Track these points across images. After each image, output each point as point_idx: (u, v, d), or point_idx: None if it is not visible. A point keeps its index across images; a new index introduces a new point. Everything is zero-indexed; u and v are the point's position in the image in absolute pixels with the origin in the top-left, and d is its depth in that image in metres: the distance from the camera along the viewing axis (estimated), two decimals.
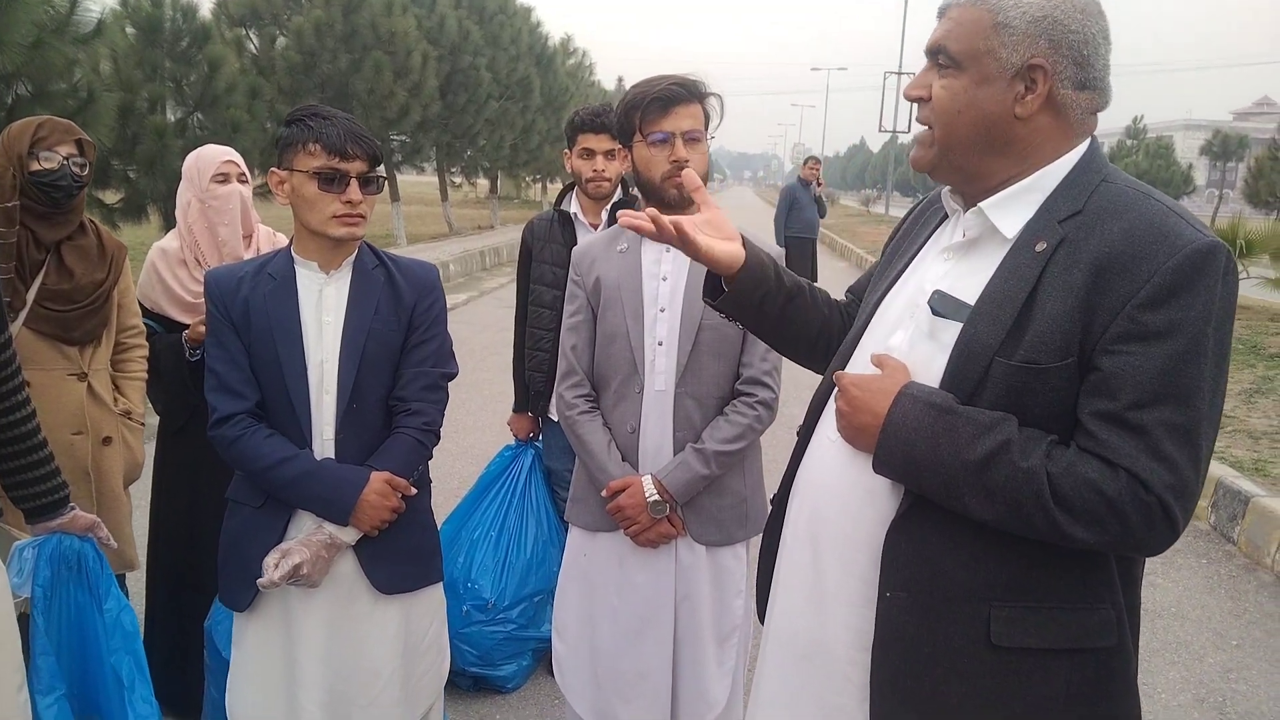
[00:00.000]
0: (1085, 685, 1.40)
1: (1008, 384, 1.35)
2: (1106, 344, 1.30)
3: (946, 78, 1.43)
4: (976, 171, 1.46)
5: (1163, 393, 1.28)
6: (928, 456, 1.36)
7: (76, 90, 8.13)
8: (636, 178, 2.38)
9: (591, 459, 2.43)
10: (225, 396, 2.17)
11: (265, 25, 16.10)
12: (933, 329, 1.45)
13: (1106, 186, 1.39)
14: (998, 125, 1.40)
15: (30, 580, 2.07)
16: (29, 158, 2.57)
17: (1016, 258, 1.39)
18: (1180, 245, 1.29)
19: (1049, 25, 1.36)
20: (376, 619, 2.24)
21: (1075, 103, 1.40)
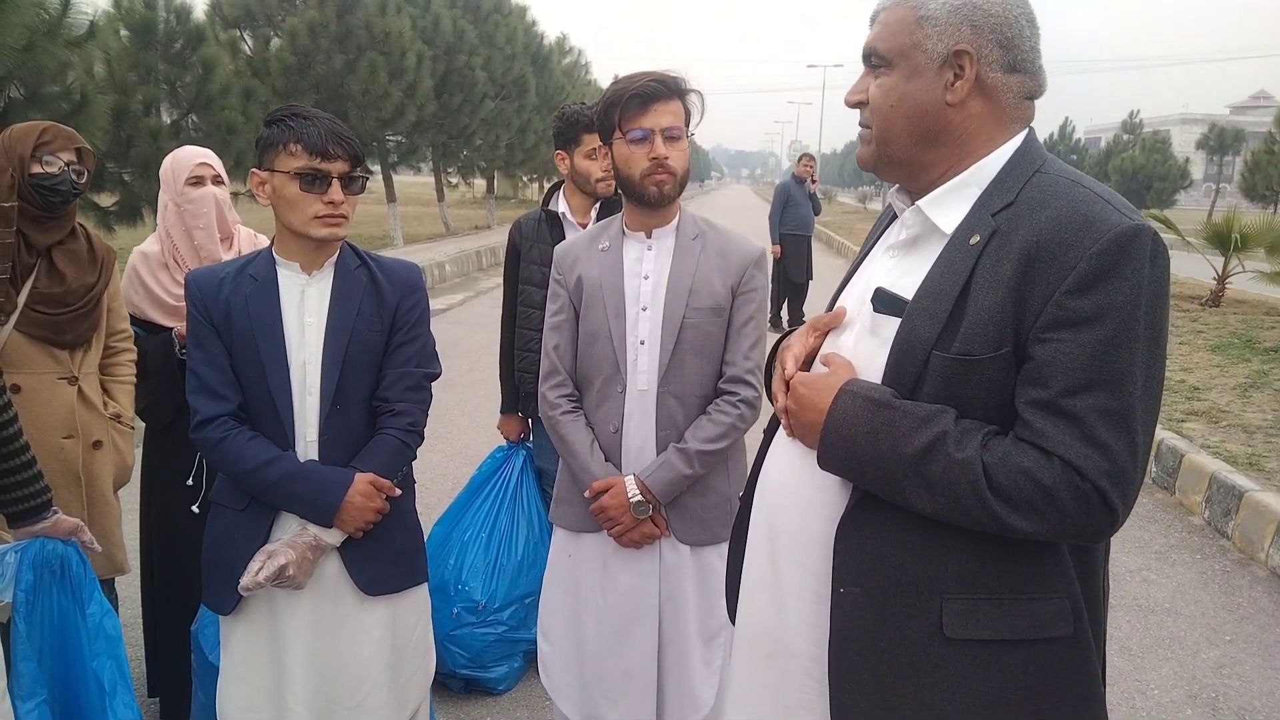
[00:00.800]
0: (1042, 676, 1.40)
1: (945, 376, 1.36)
2: (1038, 332, 1.31)
3: (880, 77, 1.47)
4: (916, 164, 1.48)
5: (1095, 379, 1.28)
6: (868, 451, 1.38)
7: (70, 93, 8.12)
8: (617, 175, 2.37)
9: (574, 459, 2.43)
10: (207, 399, 2.16)
11: (259, 26, 16.07)
12: (875, 326, 1.48)
13: (1039, 177, 1.41)
14: (930, 114, 1.44)
15: (12, 585, 2.06)
16: (31, 161, 2.58)
17: (952, 252, 1.41)
18: (1105, 230, 1.29)
19: (969, 12, 1.40)
20: (362, 620, 2.24)
21: (1006, 86, 1.43)
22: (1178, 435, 6.07)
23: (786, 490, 1.57)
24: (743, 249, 2.43)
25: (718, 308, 2.37)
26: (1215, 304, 12.03)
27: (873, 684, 1.45)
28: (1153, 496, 5.78)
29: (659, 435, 2.38)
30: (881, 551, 1.43)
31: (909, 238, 1.51)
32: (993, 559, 1.39)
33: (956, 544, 1.39)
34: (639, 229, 2.41)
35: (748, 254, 2.42)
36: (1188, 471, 5.64)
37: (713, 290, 2.36)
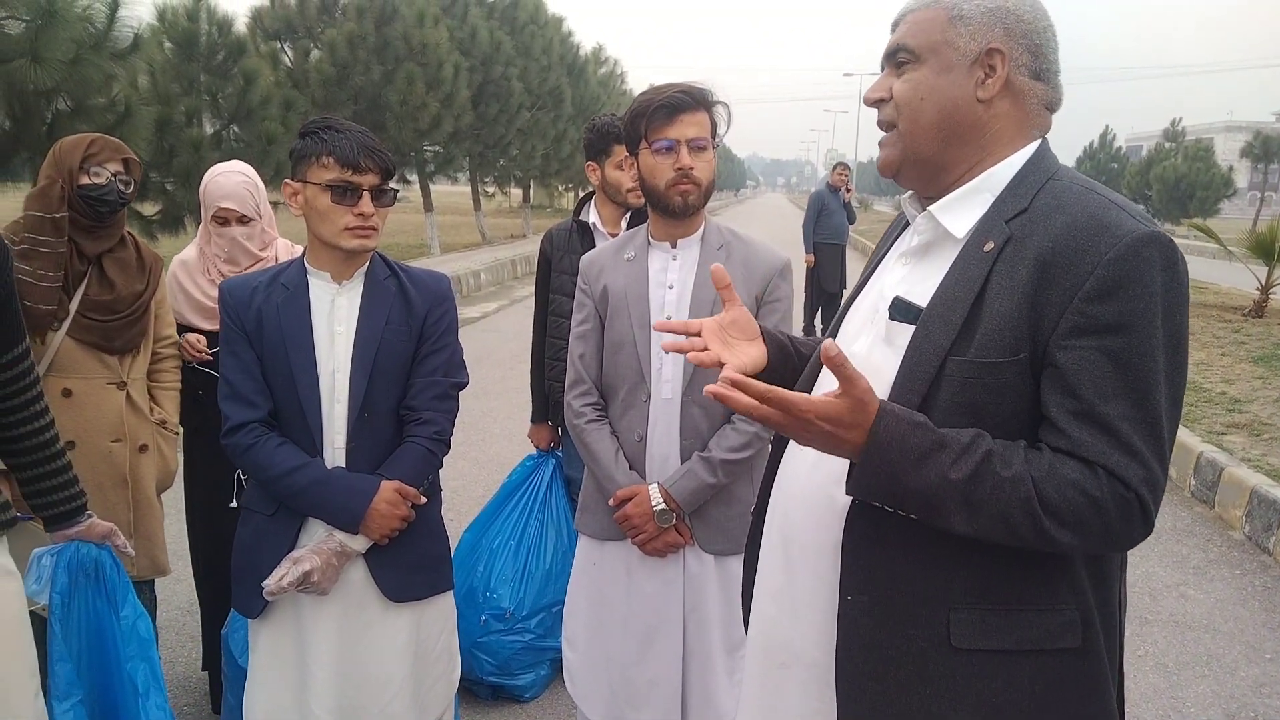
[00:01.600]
0: (1050, 687, 1.39)
1: (961, 381, 1.35)
2: (1060, 339, 1.31)
3: (907, 72, 1.47)
4: (939, 163, 1.48)
5: (1123, 387, 1.28)
6: (913, 477, 1.32)
7: (115, 105, 8.28)
8: (642, 185, 2.39)
9: (599, 467, 2.44)
10: (238, 405, 2.20)
11: (299, 38, 16.30)
12: (889, 334, 1.47)
13: (1052, 184, 1.41)
14: (961, 109, 1.44)
15: (49, 588, 2.11)
16: (79, 172, 2.65)
17: (966, 259, 1.41)
18: (1120, 236, 1.30)
19: (1003, 15, 1.43)
20: (387, 627, 2.26)
21: (1031, 91, 1.45)
22: (1218, 448, 5.97)
23: (799, 499, 1.56)
24: (767, 259, 2.43)
25: None
26: (1258, 315, 11.83)
27: (879, 692, 1.44)
28: (1192, 510, 5.69)
29: (683, 444, 2.38)
30: (889, 559, 1.42)
31: (921, 244, 1.51)
32: (1001, 569, 1.38)
33: (965, 554, 1.38)
34: (664, 239, 2.43)
35: (772, 263, 2.43)
36: (1228, 485, 5.55)
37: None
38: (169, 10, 11.05)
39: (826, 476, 1.50)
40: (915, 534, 1.40)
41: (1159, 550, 5.07)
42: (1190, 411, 6.93)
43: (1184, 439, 6.18)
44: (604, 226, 3.38)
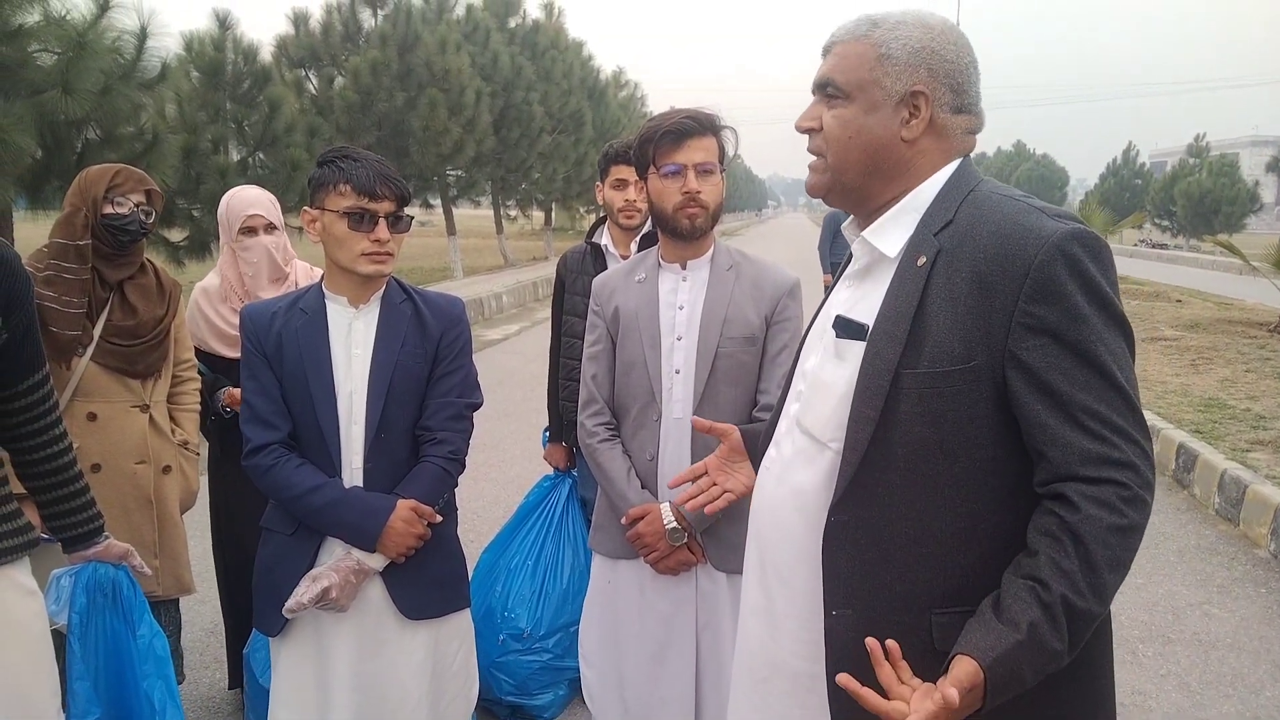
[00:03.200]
0: (1041, 695, 1.41)
1: (919, 391, 1.41)
2: (1017, 341, 1.37)
3: (836, 108, 1.53)
4: (866, 193, 1.55)
5: (1092, 374, 1.35)
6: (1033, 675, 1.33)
7: (143, 133, 8.44)
8: (651, 208, 2.44)
9: (611, 486, 2.47)
10: (259, 427, 2.25)
11: (324, 66, 16.55)
12: (838, 350, 1.54)
13: (974, 195, 1.48)
14: (886, 148, 1.51)
15: (67, 607, 2.16)
16: (103, 201, 2.74)
17: (902, 275, 1.48)
18: (1045, 237, 1.37)
19: (928, 56, 1.48)
20: (404, 644, 2.29)
21: (954, 125, 1.52)
22: (1242, 465, 5.91)
23: (768, 514, 1.62)
24: (776, 279, 2.46)
25: (752, 337, 2.40)
26: None
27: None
28: (1215, 528, 5.63)
29: (694, 463, 2.39)
30: (869, 572, 1.46)
31: (861, 267, 1.59)
32: (976, 573, 1.42)
33: (940, 559, 1.43)
34: (674, 260, 2.46)
35: (781, 284, 2.46)
36: (1252, 503, 5.50)
37: (747, 320, 2.40)
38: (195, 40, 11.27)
39: (789, 490, 1.57)
40: (892, 544, 1.45)
41: (1182, 569, 5.03)
42: (1214, 428, 6.88)
43: (1207, 456, 6.14)
44: (615, 249, 3.42)
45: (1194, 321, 12.79)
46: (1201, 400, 7.84)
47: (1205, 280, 22.12)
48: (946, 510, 1.42)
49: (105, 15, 7.73)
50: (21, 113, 6.91)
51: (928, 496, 1.43)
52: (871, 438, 1.44)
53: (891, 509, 1.44)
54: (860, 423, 1.46)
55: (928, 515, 1.43)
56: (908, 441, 1.42)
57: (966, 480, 1.42)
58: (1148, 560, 5.10)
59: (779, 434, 1.66)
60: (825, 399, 1.53)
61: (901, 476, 1.43)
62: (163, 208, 2.92)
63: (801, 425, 1.58)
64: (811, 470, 1.54)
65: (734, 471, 1.88)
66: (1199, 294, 17.51)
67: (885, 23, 1.51)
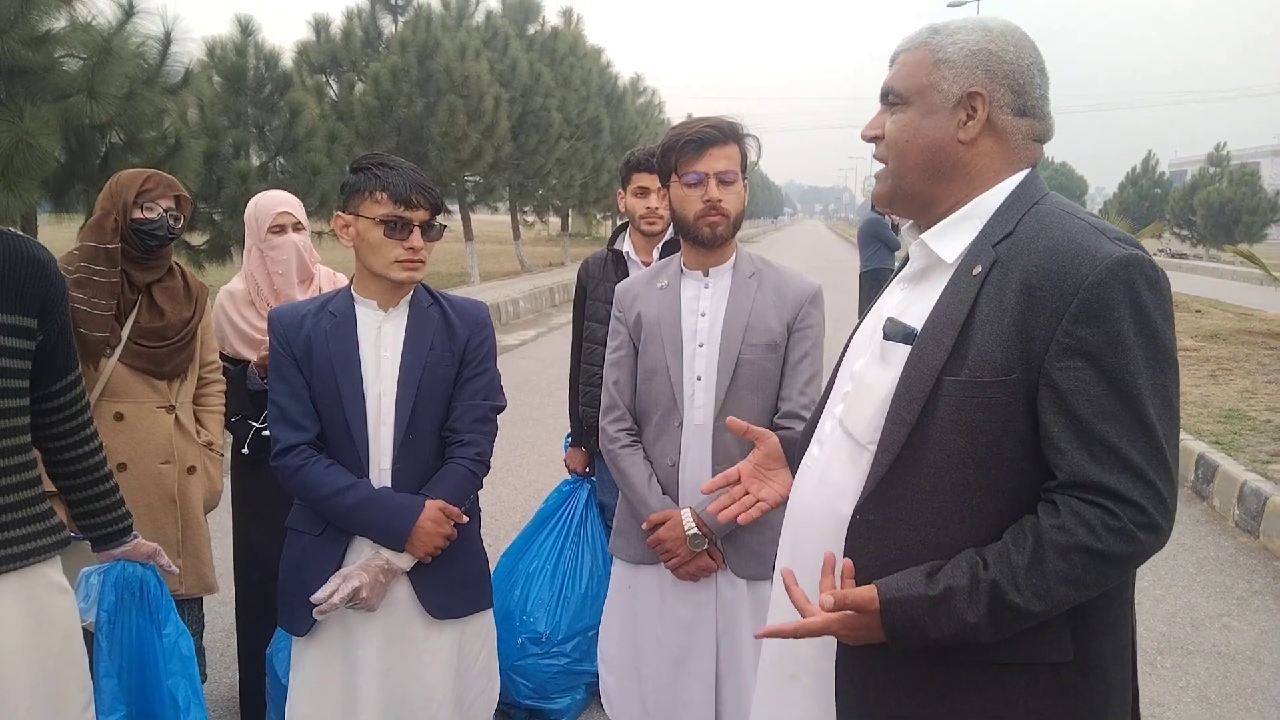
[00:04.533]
0: (1041, 700, 1.43)
1: (957, 400, 1.42)
2: (1053, 360, 1.37)
3: (896, 114, 1.55)
4: (927, 198, 1.56)
5: (1119, 405, 1.34)
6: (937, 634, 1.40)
7: (166, 137, 8.51)
8: (673, 216, 2.46)
9: (632, 492, 2.48)
10: (287, 428, 2.28)
11: (344, 72, 16.66)
12: (884, 353, 1.54)
13: (1036, 209, 1.48)
14: (944, 150, 1.52)
15: (96, 605, 2.19)
16: (133, 206, 2.78)
17: (956, 283, 1.48)
18: (1100, 259, 1.36)
19: (985, 57, 1.49)
20: (430, 643, 2.32)
21: (1015, 128, 1.52)
22: (1263, 477, 5.88)
23: (806, 514, 1.64)
24: (798, 286, 2.48)
25: (773, 344, 2.42)
26: None
27: (877, 702, 1.50)
28: (1235, 540, 5.60)
29: (715, 469, 2.42)
30: (888, 570, 1.47)
31: (917, 270, 1.60)
32: None
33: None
34: (696, 267, 2.48)
35: (803, 291, 2.47)
36: (1273, 515, 5.46)
37: (768, 327, 2.41)
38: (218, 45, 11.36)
39: (832, 491, 1.58)
40: (915, 547, 1.46)
41: (1201, 581, 5.01)
42: (1234, 440, 6.84)
43: (1228, 468, 6.10)
44: (636, 255, 3.44)
45: (1214, 332, 12.71)
46: (1221, 411, 7.80)
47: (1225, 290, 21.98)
48: (972, 519, 1.43)
49: (130, 21, 7.82)
50: (47, 117, 6.99)
51: (955, 504, 1.44)
52: (906, 441, 1.45)
53: (918, 512, 1.45)
54: (896, 425, 1.47)
55: (954, 522, 1.44)
56: (941, 448, 1.43)
57: (995, 491, 1.42)
58: (1166, 572, 5.08)
59: (822, 433, 1.67)
60: (868, 401, 1.53)
61: (931, 482, 1.44)
62: (190, 212, 2.96)
63: (844, 426, 1.59)
64: (852, 471, 1.55)
65: (768, 479, 1.87)
66: (1219, 304, 17.40)
67: (945, 29, 1.53)
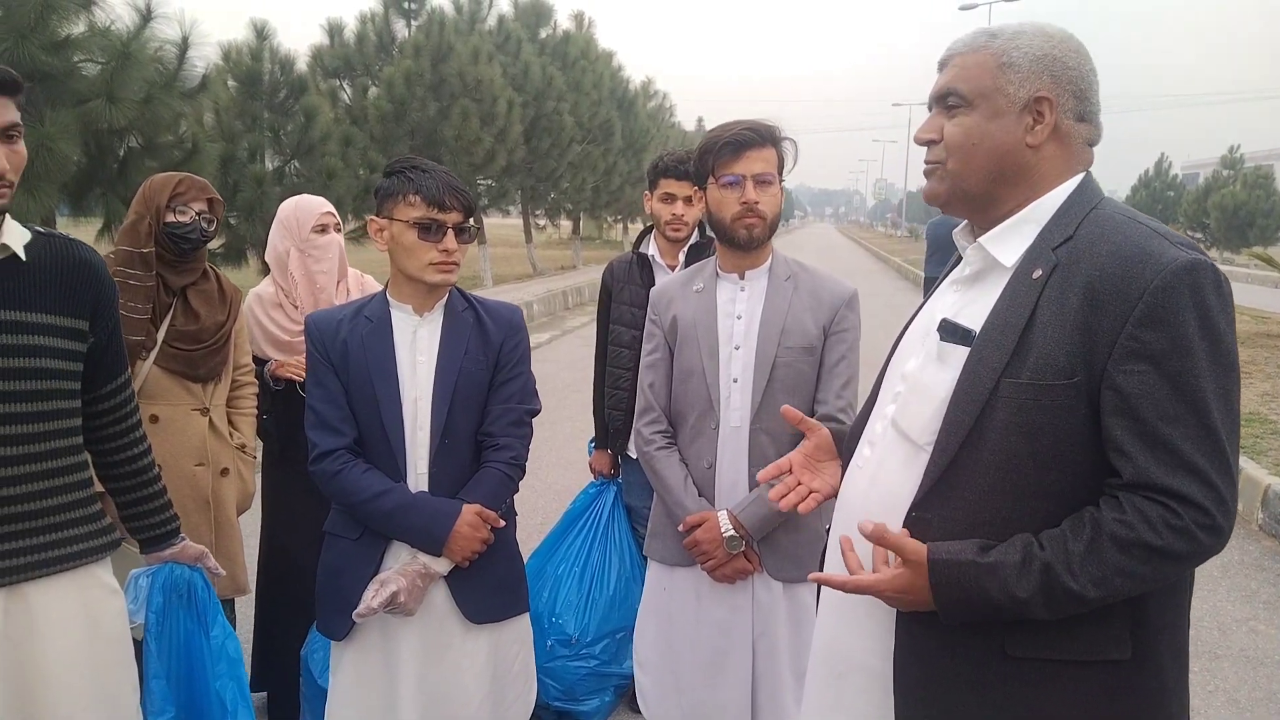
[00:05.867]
0: (1100, 697, 1.44)
1: (1018, 402, 1.42)
2: (1117, 364, 1.38)
3: (958, 116, 1.54)
4: (988, 199, 1.56)
5: (1182, 409, 1.35)
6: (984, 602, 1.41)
7: (183, 142, 8.56)
8: (709, 218, 2.46)
9: (669, 494, 2.49)
10: (325, 433, 2.28)
11: (358, 76, 16.70)
12: (940, 354, 1.55)
13: (1096, 213, 1.49)
14: (1011, 154, 1.52)
15: (145, 607, 2.20)
16: (166, 210, 2.80)
17: (1016, 285, 1.49)
18: (1165, 263, 1.37)
19: (1050, 62, 1.50)
20: (467, 647, 2.32)
21: (1076, 133, 1.53)
22: None
23: (858, 515, 1.63)
24: (835, 289, 2.48)
25: (810, 347, 2.42)
26: None
27: (936, 699, 1.50)
28: (1260, 544, 5.58)
29: (752, 471, 2.42)
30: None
31: (972, 273, 1.60)
32: None
33: None
34: (732, 270, 2.48)
35: (840, 294, 2.47)
36: None
37: (805, 330, 2.42)
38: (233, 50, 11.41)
39: (884, 492, 1.58)
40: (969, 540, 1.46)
41: (1226, 584, 4.98)
42: (1256, 443, 6.81)
43: (1251, 472, 6.07)
44: (662, 259, 3.45)
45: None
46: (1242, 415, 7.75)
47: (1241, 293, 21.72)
48: (1029, 519, 1.44)
49: (148, 26, 7.86)
50: (67, 122, 7.04)
51: (1014, 504, 1.44)
52: (963, 442, 1.46)
53: (975, 512, 1.46)
54: (954, 426, 1.47)
55: (1010, 522, 1.44)
56: (1001, 450, 1.43)
57: (1053, 492, 1.43)
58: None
59: (873, 434, 1.67)
60: (925, 402, 1.54)
61: (989, 482, 1.45)
62: (223, 215, 2.97)
63: (898, 426, 1.59)
64: (908, 471, 1.55)
65: (819, 471, 1.87)
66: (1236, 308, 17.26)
67: (1004, 33, 1.53)
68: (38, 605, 1.86)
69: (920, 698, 1.52)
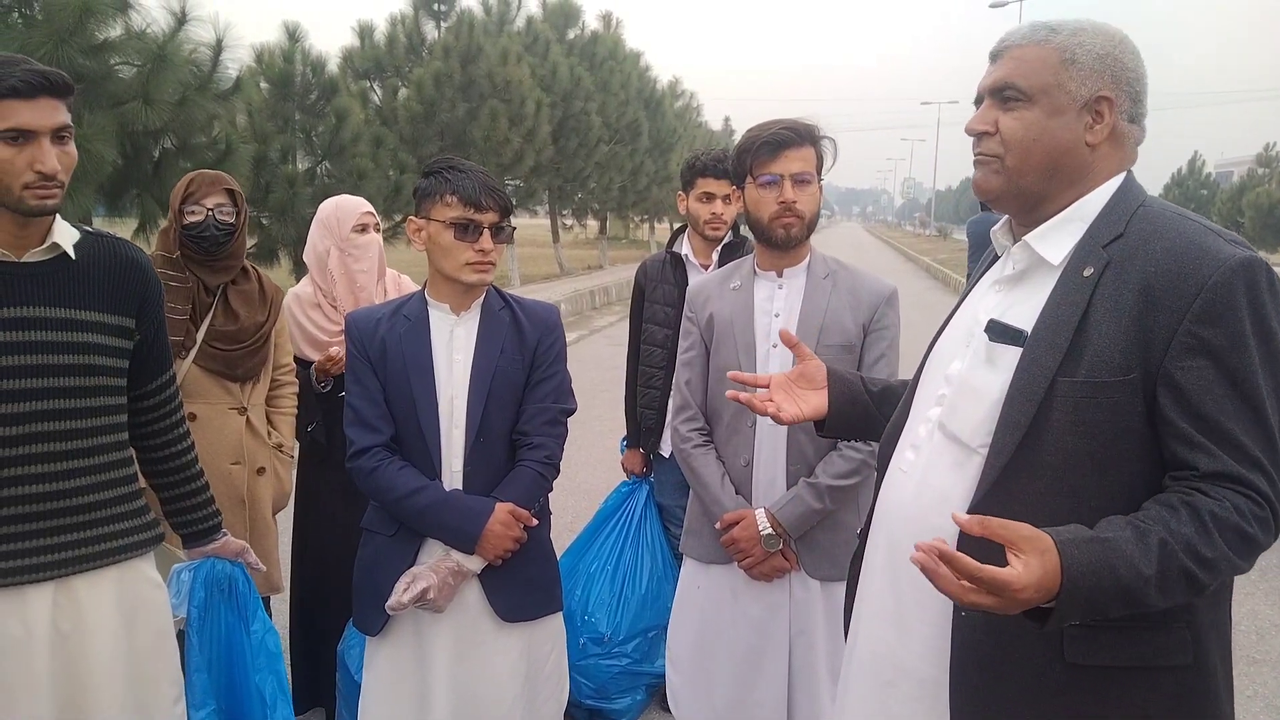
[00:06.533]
0: (1162, 704, 1.42)
1: (1075, 400, 1.41)
2: (1174, 360, 1.37)
3: (1017, 110, 1.52)
4: (1041, 196, 1.54)
5: (1241, 405, 1.35)
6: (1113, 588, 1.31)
7: (216, 143, 8.65)
8: (747, 217, 2.47)
9: (706, 491, 2.49)
10: (362, 430, 2.30)
11: (388, 77, 16.81)
12: (990, 355, 1.53)
13: (1144, 210, 1.48)
14: (1070, 152, 1.51)
15: (186, 601, 2.23)
16: (181, 213, 2.82)
17: (1066, 284, 1.47)
18: (1223, 260, 1.36)
19: (1111, 63, 1.49)
20: (500, 646, 2.33)
21: (1130, 134, 1.53)
22: None
23: (905, 522, 1.61)
24: (874, 288, 2.47)
25: (849, 345, 2.41)
26: None
27: (994, 707, 1.48)
28: None
29: (789, 469, 2.42)
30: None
31: (1016, 272, 1.58)
32: None
33: None
34: (770, 268, 2.48)
35: (879, 293, 2.46)
36: None
37: (844, 328, 2.41)
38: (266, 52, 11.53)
39: (935, 496, 1.56)
40: None
41: (1264, 588, 4.92)
42: None
43: None
44: (695, 258, 3.45)
45: None
46: None
47: None
48: (1088, 519, 1.40)
49: (182, 28, 7.95)
50: (103, 123, 7.13)
51: (1072, 506, 1.42)
52: (1020, 444, 1.44)
53: (1033, 514, 1.42)
54: (1009, 428, 1.45)
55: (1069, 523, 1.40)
56: (1058, 450, 1.42)
57: (1114, 493, 1.41)
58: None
59: (916, 438, 1.65)
60: (976, 404, 1.52)
61: (1048, 484, 1.43)
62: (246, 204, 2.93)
63: (947, 430, 1.57)
64: (959, 475, 1.53)
65: (796, 398, 1.86)
66: None
67: (1064, 29, 1.52)
68: (85, 598, 1.89)
69: (979, 706, 1.50)
